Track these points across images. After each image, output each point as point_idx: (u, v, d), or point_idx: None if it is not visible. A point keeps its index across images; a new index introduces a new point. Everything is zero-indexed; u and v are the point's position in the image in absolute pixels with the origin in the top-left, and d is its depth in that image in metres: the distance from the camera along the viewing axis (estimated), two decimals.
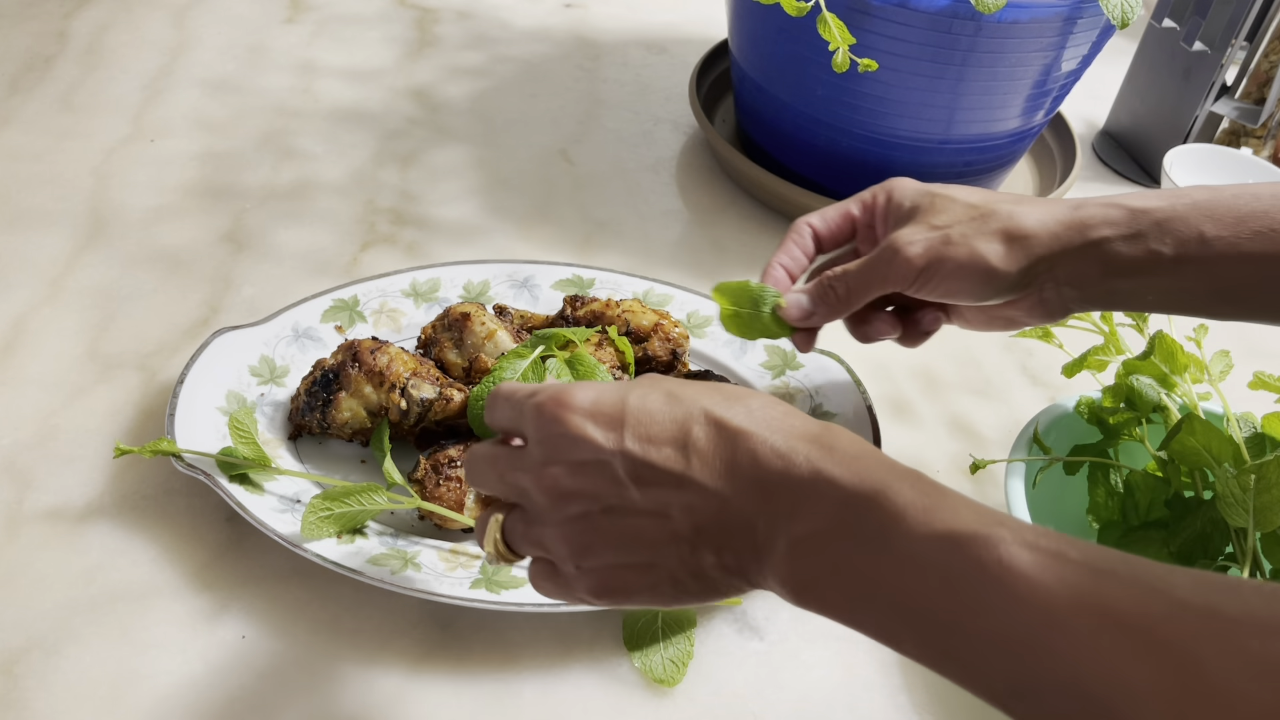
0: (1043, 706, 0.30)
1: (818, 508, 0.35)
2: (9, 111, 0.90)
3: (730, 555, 0.38)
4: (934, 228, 0.49)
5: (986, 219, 0.49)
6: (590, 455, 0.38)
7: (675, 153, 0.94)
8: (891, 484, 0.35)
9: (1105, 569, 0.30)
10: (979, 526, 0.32)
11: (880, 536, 0.34)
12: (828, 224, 0.54)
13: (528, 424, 0.41)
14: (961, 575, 0.32)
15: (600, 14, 1.14)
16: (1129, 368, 0.58)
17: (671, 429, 0.38)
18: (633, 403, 0.39)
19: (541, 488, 0.39)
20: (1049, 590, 0.30)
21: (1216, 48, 0.88)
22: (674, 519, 0.38)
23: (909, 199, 0.52)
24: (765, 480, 0.36)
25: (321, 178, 0.86)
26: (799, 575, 0.36)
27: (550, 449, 0.39)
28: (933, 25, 0.70)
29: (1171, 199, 0.48)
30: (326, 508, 0.53)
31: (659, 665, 0.53)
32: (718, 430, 0.37)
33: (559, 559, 0.41)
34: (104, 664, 0.52)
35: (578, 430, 0.38)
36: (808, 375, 0.67)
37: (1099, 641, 0.29)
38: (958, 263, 0.48)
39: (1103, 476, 0.59)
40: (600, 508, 0.39)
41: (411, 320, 0.69)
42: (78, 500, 0.59)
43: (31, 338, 0.69)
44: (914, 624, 0.33)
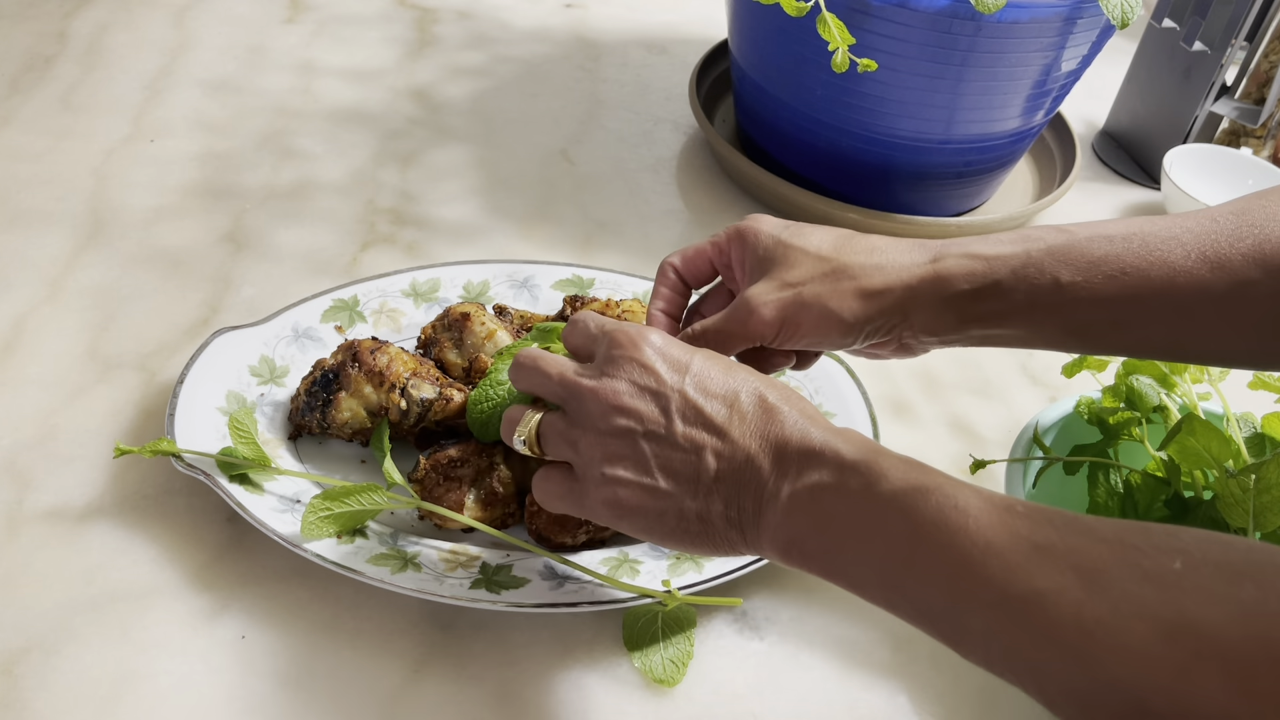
0: (972, 623, 0.35)
1: (819, 469, 0.41)
2: (9, 111, 0.90)
3: (735, 508, 0.43)
4: (786, 285, 0.50)
5: (839, 276, 0.49)
6: (653, 383, 0.44)
7: (675, 153, 0.94)
8: (883, 454, 0.41)
9: (1043, 517, 0.35)
10: (944, 482, 0.38)
11: (864, 490, 0.39)
12: (688, 266, 0.55)
13: (602, 344, 0.46)
14: (923, 518, 0.37)
15: (600, 14, 1.14)
16: (1129, 368, 0.58)
17: (725, 389, 0.44)
18: (698, 360, 0.45)
19: (599, 396, 0.44)
20: (992, 528, 0.35)
21: (1216, 48, 0.88)
22: (704, 460, 0.43)
23: (762, 246, 0.52)
24: (784, 447, 0.42)
25: (321, 178, 0.86)
26: (789, 528, 0.41)
27: (618, 368, 0.44)
28: (933, 25, 0.70)
29: (1027, 244, 0.48)
30: (326, 508, 0.53)
31: (659, 665, 0.53)
32: (760, 402, 0.43)
33: (585, 463, 0.45)
34: (104, 664, 0.52)
35: (649, 360, 0.44)
36: (808, 375, 0.67)
37: (1026, 564, 0.34)
38: (812, 322, 0.50)
39: (1103, 476, 0.59)
40: (645, 430, 0.43)
41: (411, 320, 0.69)
42: (78, 500, 0.59)
43: (31, 338, 0.69)
44: (878, 567, 0.38)
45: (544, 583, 0.54)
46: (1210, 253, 0.45)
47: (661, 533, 0.44)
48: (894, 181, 0.83)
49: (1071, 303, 0.47)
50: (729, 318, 0.51)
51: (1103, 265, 0.47)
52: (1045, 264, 0.47)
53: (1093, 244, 0.47)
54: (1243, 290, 0.45)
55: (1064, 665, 0.32)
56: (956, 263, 0.48)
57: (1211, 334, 0.47)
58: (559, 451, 0.47)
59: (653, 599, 0.54)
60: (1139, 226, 0.47)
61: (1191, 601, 0.30)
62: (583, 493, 0.46)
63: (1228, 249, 0.45)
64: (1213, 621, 0.30)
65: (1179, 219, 0.47)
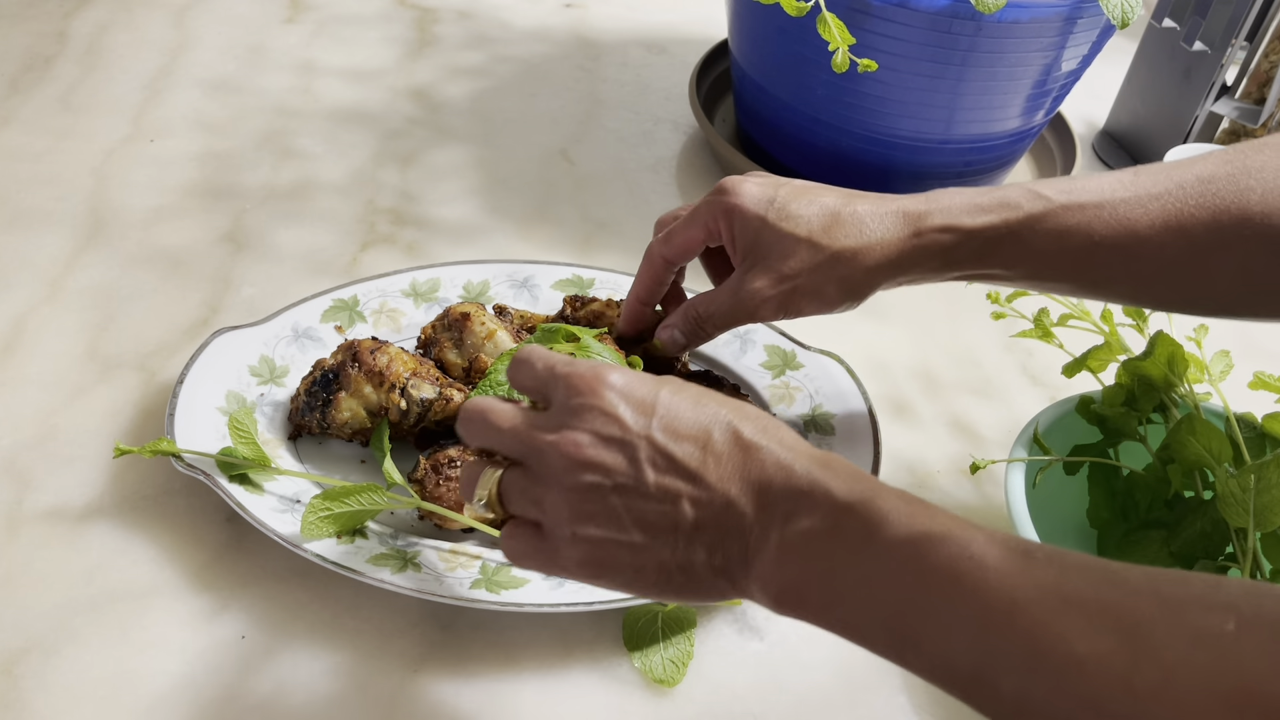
0: (1002, 686, 0.32)
1: (810, 512, 0.38)
2: (9, 111, 0.90)
3: (720, 555, 0.40)
4: (784, 277, 0.52)
5: (833, 264, 0.52)
6: (617, 432, 0.40)
7: (675, 153, 0.94)
8: (880, 493, 0.37)
9: (1067, 564, 0.33)
10: (954, 528, 0.35)
11: (863, 536, 0.36)
12: (677, 251, 0.57)
13: (558, 390, 0.42)
14: (935, 568, 0.34)
15: (600, 14, 1.14)
16: (1129, 368, 0.58)
17: (695, 428, 0.40)
18: (664, 397, 0.41)
19: (561, 451, 0.40)
20: (1015, 580, 0.33)
21: (1216, 48, 0.88)
22: (680, 510, 0.40)
23: (751, 229, 0.53)
24: (767, 489, 0.39)
25: (321, 178, 0.86)
26: (782, 577, 0.38)
27: (578, 417, 0.41)
28: (933, 25, 0.70)
29: (1005, 214, 0.51)
30: (326, 508, 0.53)
31: (659, 665, 0.53)
32: (735, 440, 0.40)
33: (554, 523, 0.41)
34: (104, 664, 0.52)
35: (610, 406, 0.41)
36: (808, 375, 0.67)
37: (1058, 621, 0.31)
38: (811, 306, 0.53)
39: (1103, 476, 0.59)
40: (613, 484, 0.40)
41: (411, 320, 0.69)
42: (78, 500, 0.59)
43: (31, 338, 0.69)
44: (886, 618, 0.36)
45: (544, 583, 0.54)
46: (1174, 221, 0.48)
47: (643, 586, 0.41)
48: (894, 181, 0.83)
49: (1044, 266, 0.51)
50: (735, 307, 0.54)
51: (1075, 234, 0.50)
52: (1022, 234, 0.51)
53: (1067, 213, 0.50)
54: (1202, 258, 0.49)
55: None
56: (935, 238, 0.51)
57: (1172, 293, 0.51)
58: (524, 510, 0.43)
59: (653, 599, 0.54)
60: (1110, 191, 0.50)
61: (1254, 671, 0.28)
62: (554, 551, 0.42)
63: (1189, 219, 0.48)
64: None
65: (1150, 181, 0.50)
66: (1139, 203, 0.49)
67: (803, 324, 0.71)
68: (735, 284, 0.54)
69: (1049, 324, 0.63)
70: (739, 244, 0.54)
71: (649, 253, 0.57)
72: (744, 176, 0.55)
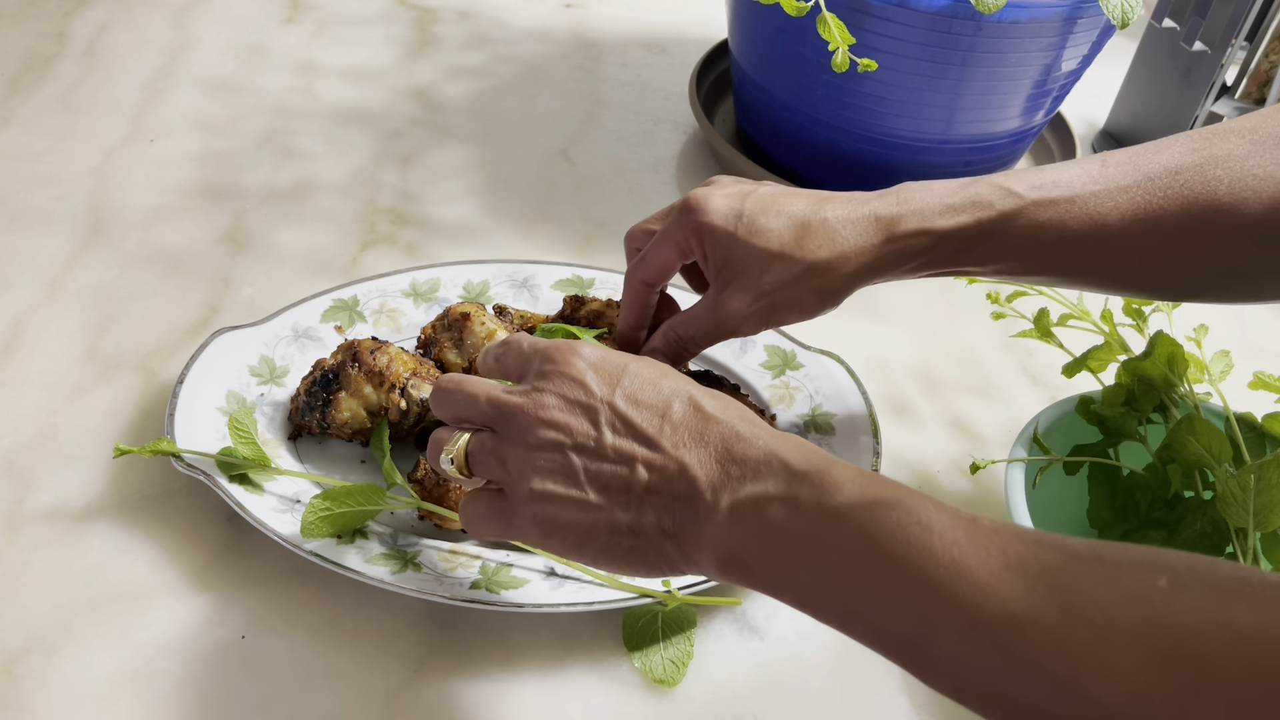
0: (942, 650, 0.33)
1: (764, 478, 0.39)
2: (9, 111, 0.90)
3: (670, 518, 0.41)
4: (761, 294, 0.53)
5: (808, 276, 0.52)
6: (582, 396, 0.43)
7: (675, 153, 0.94)
8: (834, 464, 0.39)
9: (1011, 532, 0.34)
10: (904, 496, 0.36)
11: (815, 503, 0.37)
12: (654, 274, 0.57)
13: (534, 361, 0.45)
14: (882, 534, 0.35)
15: (600, 14, 1.14)
16: (1129, 368, 0.58)
17: (657, 398, 0.43)
18: (631, 368, 0.44)
19: (528, 411, 0.43)
20: (958, 544, 0.34)
21: (1216, 48, 0.88)
22: (634, 472, 0.41)
23: (722, 245, 0.53)
24: (723, 456, 0.41)
25: (321, 178, 0.86)
26: (730, 541, 0.39)
27: (548, 380, 0.43)
28: (933, 25, 0.70)
29: (978, 212, 0.51)
30: (326, 508, 0.53)
31: (659, 665, 0.53)
32: (695, 411, 0.42)
33: (514, 479, 0.43)
34: (104, 664, 0.52)
35: (578, 374, 0.43)
36: (808, 375, 0.67)
37: (997, 583, 0.32)
38: (790, 317, 0.54)
39: (1103, 476, 0.59)
40: (573, 442, 0.42)
41: (411, 320, 0.69)
42: (78, 500, 0.59)
43: (31, 338, 0.69)
44: (831, 585, 0.37)
45: (544, 583, 0.54)
46: (1143, 213, 0.49)
47: (593, 550, 0.42)
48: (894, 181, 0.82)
49: (1017, 261, 0.52)
50: (716, 326, 0.55)
51: (1046, 229, 0.50)
52: (995, 233, 0.51)
53: (1039, 209, 0.50)
54: (1173, 247, 0.49)
55: (1044, 695, 0.30)
56: (909, 242, 0.51)
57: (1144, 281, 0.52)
58: (489, 470, 0.45)
59: (653, 599, 0.54)
60: (1080, 185, 0.50)
61: (1184, 624, 0.28)
62: (511, 510, 0.44)
63: (1159, 210, 0.49)
64: (1210, 650, 0.28)
65: (1118, 173, 0.50)
66: (1108, 196, 0.49)
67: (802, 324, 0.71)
68: (712, 303, 0.54)
69: (1049, 324, 0.63)
70: (711, 261, 0.54)
71: (628, 281, 0.57)
72: (709, 189, 0.54)
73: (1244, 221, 0.47)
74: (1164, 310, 0.61)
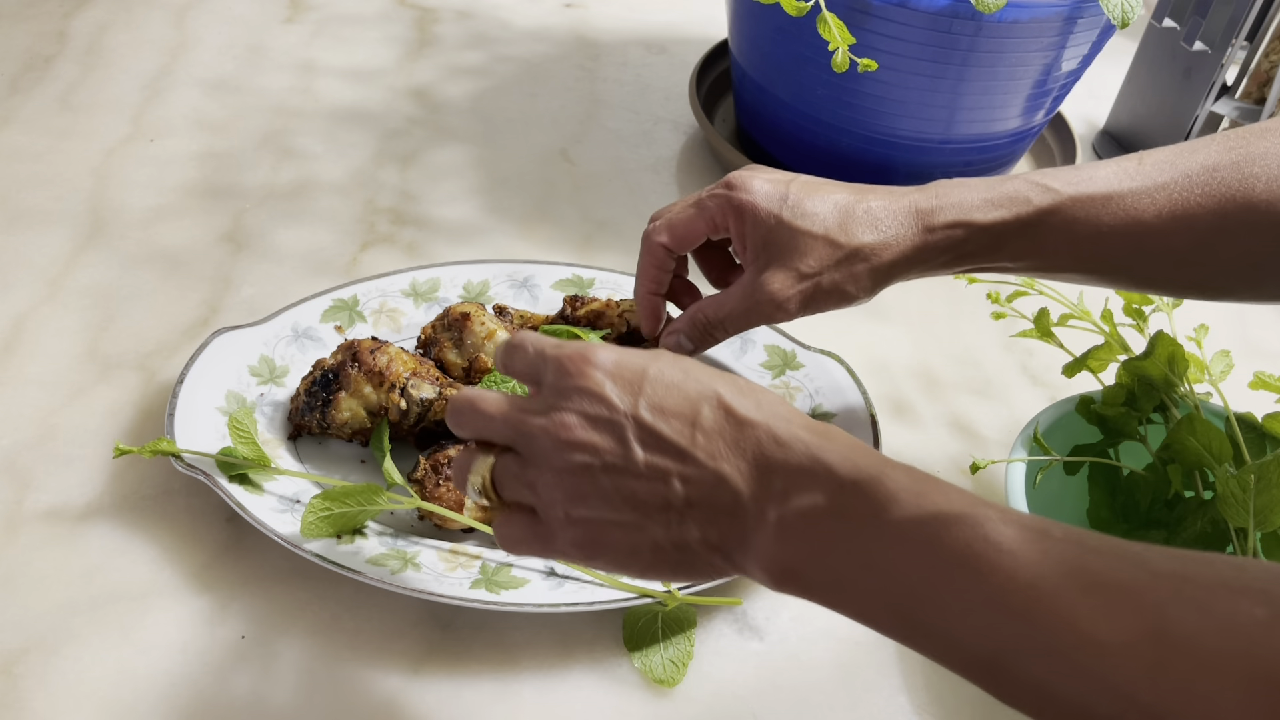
0: (1021, 672, 0.32)
1: (810, 490, 0.37)
2: (9, 111, 0.90)
3: (715, 531, 0.39)
4: (803, 276, 0.52)
5: (851, 261, 0.51)
6: (605, 412, 0.40)
7: (675, 153, 0.94)
8: (885, 471, 0.37)
9: (1087, 544, 0.32)
10: (967, 507, 0.34)
11: (871, 517, 0.36)
12: (678, 240, 0.55)
13: (548, 372, 0.42)
14: (949, 551, 0.33)
15: (600, 14, 1.14)
16: (1129, 368, 0.58)
17: (683, 404, 0.40)
18: (652, 372, 0.41)
19: (551, 434, 0.41)
20: (1034, 562, 0.32)
21: (1217, 47, 0.88)
22: (670, 487, 0.39)
23: (765, 226, 0.52)
24: (763, 464, 0.38)
25: (321, 178, 0.86)
26: (783, 556, 0.38)
27: (566, 398, 0.41)
28: (933, 25, 0.70)
29: (1016, 208, 0.51)
30: (326, 508, 0.53)
31: (659, 665, 0.53)
32: (726, 415, 0.40)
33: (548, 504, 0.41)
34: (104, 664, 0.52)
35: (597, 387, 0.40)
36: (808, 375, 0.67)
37: (1080, 606, 0.30)
38: (830, 303, 0.53)
39: (1103, 476, 0.59)
40: (602, 463, 0.40)
41: (411, 320, 0.69)
42: (78, 500, 0.59)
43: (31, 338, 0.69)
44: (894, 601, 0.35)
45: (544, 583, 0.54)
46: (1180, 211, 0.49)
47: (639, 567, 0.41)
48: (894, 181, 0.82)
49: (1052, 258, 0.52)
50: (751, 310, 0.53)
51: (1082, 226, 0.50)
52: (1031, 228, 0.51)
53: (1076, 206, 0.50)
54: (1208, 246, 0.49)
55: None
56: (947, 234, 0.51)
57: (1177, 280, 0.52)
58: (518, 495, 0.43)
59: (653, 599, 0.54)
60: (1117, 182, 0.50)
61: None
62: (549, 535, 0.42)
63: (1196, 208, 0.49)
64: None
65: (1155, 170, 0.50)
66: (1145, 193, 0.49)
67: (802, 324, 0.71)
68: (749, 285, 0.53)
69: (1049, 324, 0.63)
70: (750, 242, 0.53)
71: (647, 242, 0.56)
72: (751, 172, 0.54)
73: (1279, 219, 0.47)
74: (1164, 310, 0.61)
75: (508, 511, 0.44)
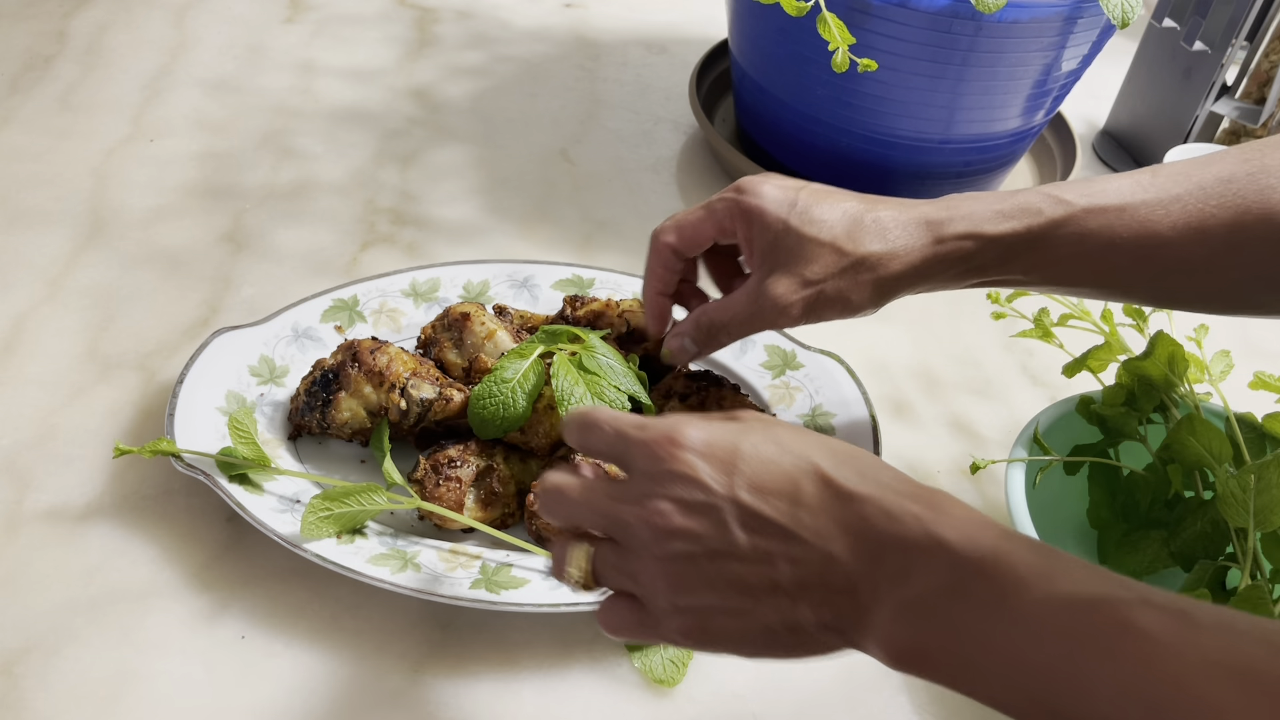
0: None
1: (928, 570, 0.35)
2: (9, 111, 0.90)
3: (829, 612, 0.38)
4: (808, 282, 0.51)
5: (857, 270, 0.51)
6: (701, 497, 0.38)
7: (675, 153, 0.94)
8: (1005, 547, 0.35)
9: (1237, 629, 0.30)
10: (1101, 589, 0.33)
11: (998, 600, 0.34)
12: (686, 241, 0.55)
13: (635, 457, 0.41)
14: (1089, 640, 0.32)
15: (600, 14, 1.14)
16: (1129, 368, 0.58)
17: (782, 481, 0.38)
18: (745, 449, 0.39)
19: (647, 522, 0.39)
20: (1179, 651, 0.30)
21: (1217, 47, 0.88)
22: (777, 570, 0.38)
23: (772, 231, 0.52)
24: (874, 542, 0.37)
25: (321, 178, 0.86)
26: (904, 639, 0.36)
27: (659, 484, 0.39)
28: (933, 25, 0.70)
29: (1028, 219, 0.50)
30: (326, 508, 0.53)
31: (659, 665, 0.53)
32: (828, 488, 0.38)
33: (651, 594, 0.40)
34: (104, 664, 0.52)
35: (689, 469, 0.39)
36: (808, 375, 0.67)
37: (1235, 701, 0.29)
38: (834, 312, 0.52)
39: (1103, 476, 0.59)
40: (704, 550, 0.38)
41: (411, 320, 0.69)
42: (78, 500, 0.59)
43: (31, 338, 0.69)
44: (1032, 688, 0.33)
45: (544, 583, 0.54)
46: (1195, 222, 0.48)
47: (752, 650, 0.40)
48: (894, 181, 0.83)
49: (1064, 271, 0.51)
50: (755, 314, 0.53)
51: (1095, 237, 0.50)
52: (1043, 239, 0.50)
53: (1089, 217, 0.50)
54: (1221, 258, 0.48)
55: None
56: (957, 245, 0.51)
57: (1188, 293, 0.52)
58: (619, 584, 0.42)
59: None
60: (1130, 194, 0.49)
61: None
62: (654, 623, 0.40)
63: (1210, 219, 0.48)
64: None
65: (1169, 182, 0.49)
66: (1160, 205, 0.49)
67: None
68: (754, 289, 0.53)
69: (1049, 324, 0.63)
70: (757, 246, 0.53)
71: (655, 244, 0.56)
72: (762, 177, 0.53)
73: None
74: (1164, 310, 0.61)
75: (610, 598, 0.43)
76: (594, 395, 0.56)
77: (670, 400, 0.62)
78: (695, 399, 0.61)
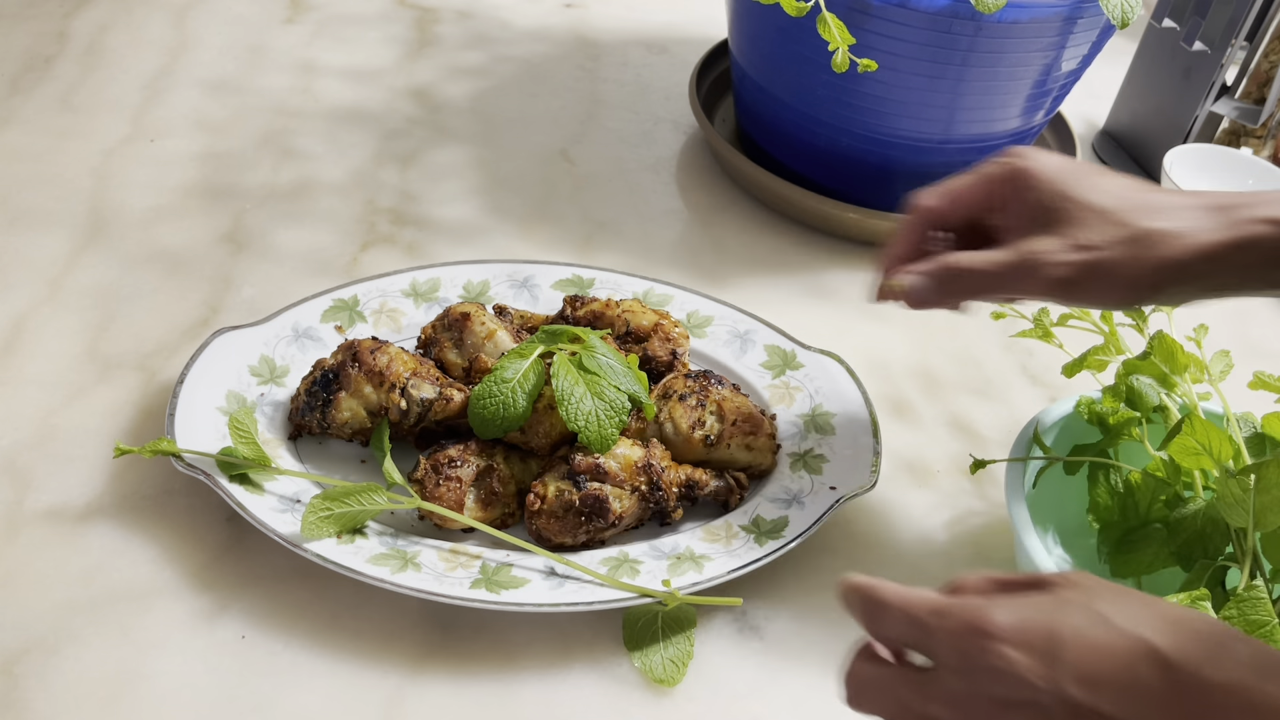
0: None
1: None
2: (9, 111, 0.90)
3: None
4: (1080, 247, 0.46)
5: (1138, 244, 0.45)
6: (1022, 694, 0.34)
7: (675, 153, 0.94)
8: None
9: None
10: None
11: None
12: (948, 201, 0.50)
13: (940, 648, 0.36)
14: None
15: (600, 14, 1.14)
16: (1129, 368, 0.58)
17: (1115, 668, 0.34)
18: (1066, 633, 0.35)
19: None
20: None
21: (1216, 48, 0.88)
22: None
23: (1042, 192, 0.47)
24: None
25: (321, 178, 0.86)
26: None
27: (973, 684, 0.35)
28: (933, 25, 0.70)
29: None
30: (326, 508, 0.53)
31: (659, 665, 0.53)
32: (1170, 676, 0.33)
33: None
34: (104, 664, 0.52)
35: (1005, 664, 0.34)
36: (808, 375, 0.67)
37: None
38: (1099, 289, 0.46)
39: (1103, 476, 0.59)
40: None
41: (411, 320, 0.69)
42: (78, 500, 0.59)
43: (31, 338, 0.69)
44: None
45: (544, 583, 0.54)
46: None
47: None
48: (894, 181, 0.83)
49: None
50: (1011, 268, 0.47)
51: None
52: None
53: None
54: None
55: None
56: (1256, 229, 0.45)
57: None
58: None
59: (653, 599, 0.54)
60: None
61: None
62: None
63: None
64: None
65: None
66: None
67: (802, 324, 0.71)
68: (1014, 245, 0.47)
69: (1049, 324, 0.63)
70: (1026, 209, 0.47)
71: (913, 208, 0.51)
72: (1034, 149, 0.49)
73: None
74: (1164, 310, 0.61)
75: None
76: (594, 395, 0.56)
77: (670, 400, 0.62)
78: (695, 398, 0.61)
